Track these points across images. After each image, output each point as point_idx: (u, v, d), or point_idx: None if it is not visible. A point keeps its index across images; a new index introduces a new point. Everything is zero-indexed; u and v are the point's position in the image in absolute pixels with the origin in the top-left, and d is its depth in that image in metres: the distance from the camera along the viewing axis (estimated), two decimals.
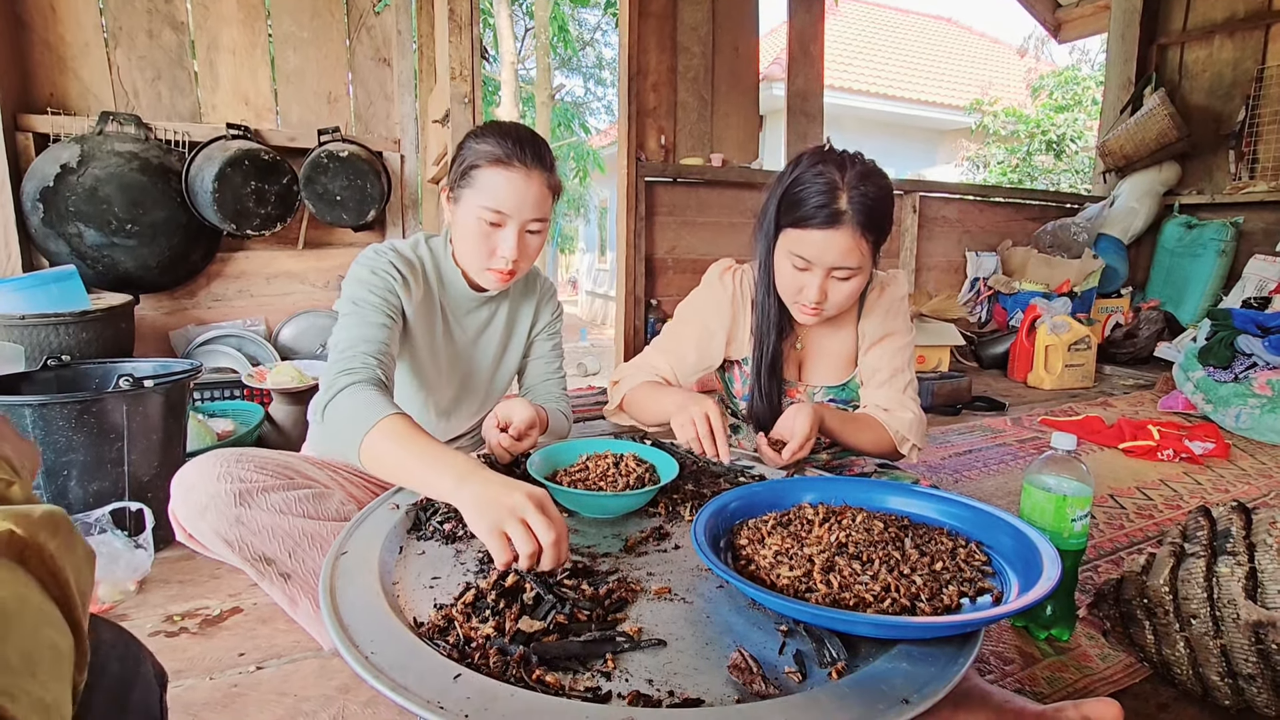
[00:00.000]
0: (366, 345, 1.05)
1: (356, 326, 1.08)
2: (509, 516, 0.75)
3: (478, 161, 1.12)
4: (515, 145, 1.11)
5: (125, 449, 1.35)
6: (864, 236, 1.16)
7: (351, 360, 1.02)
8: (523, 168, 1.11)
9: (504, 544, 0.75)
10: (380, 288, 1.13)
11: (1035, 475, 1.11)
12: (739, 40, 3.68)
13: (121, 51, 2.46)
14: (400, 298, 1.16)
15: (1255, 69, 4.25)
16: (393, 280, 1.15)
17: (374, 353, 1.04)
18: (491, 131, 1.14)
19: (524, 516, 0.74)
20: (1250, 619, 0.93)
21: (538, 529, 0.74)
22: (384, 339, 1.08)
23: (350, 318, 1.10)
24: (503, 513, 0.75)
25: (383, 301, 1.12)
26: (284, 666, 1.06)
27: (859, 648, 0.69)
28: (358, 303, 1.11)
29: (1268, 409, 2.49)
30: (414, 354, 1.24)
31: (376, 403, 0.94)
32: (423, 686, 0.59)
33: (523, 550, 0.74)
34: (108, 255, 2.28)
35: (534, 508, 0.75)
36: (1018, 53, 11.63)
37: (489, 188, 1.11)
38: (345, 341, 1.06)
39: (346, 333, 1.08)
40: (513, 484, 0.79)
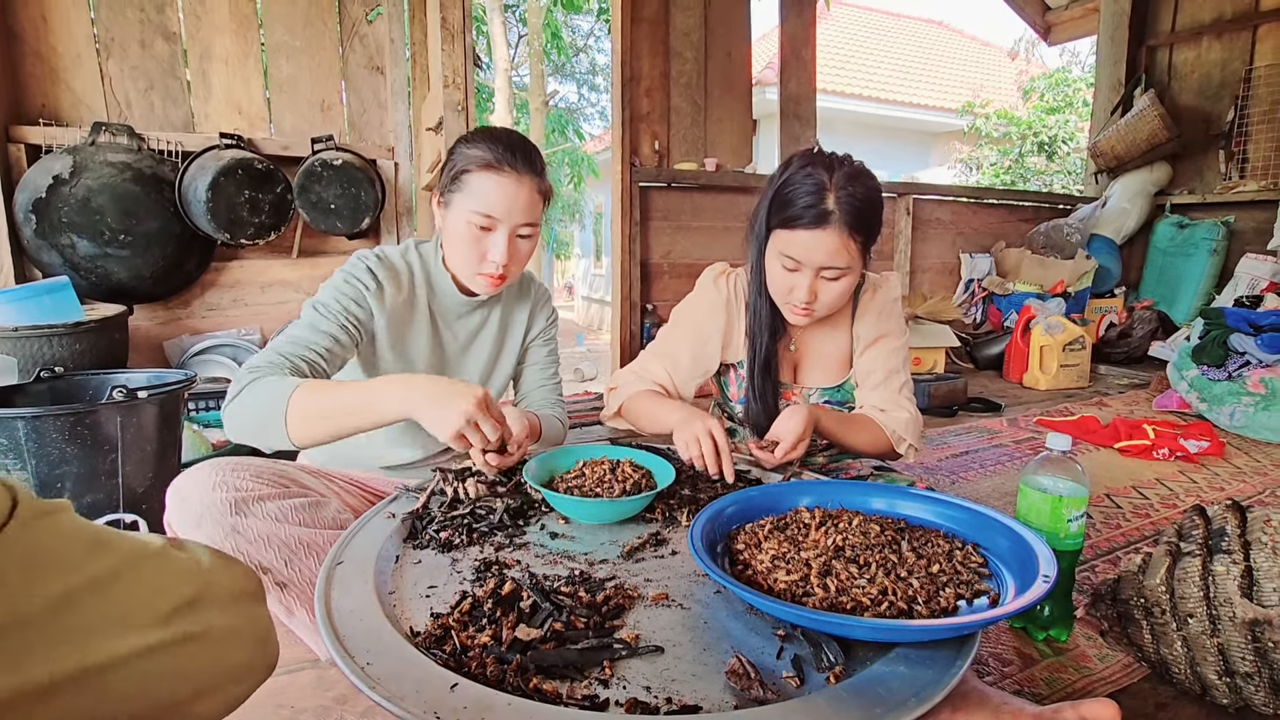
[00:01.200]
0: (291, 347, 1.06)
1: (300, 328, 1.10)
2: (463, 423, 0.91)
3: (468, 166, 1.12)
4: (506, 150, 1.12)
5: (119, 460, 1.35)
6: (852, 236, 1.17)
7: (261, 360, 1.04)
8: (513, 173, 1.12)
9: (464, 444, 0.93)
10: (347, 296, 1.14)
11: (1031, 476, 1.12)
12: (731, 45, 3.70)
13: (114, 62, 2.46)
14: (369, 305, 1.16)
15: (1243, 69, 4.28)
16: (363, 289, 1.15)
17: (293, 354, 1.05)
18: (482, 137, 1.14)
19: (475, 420, 0.91)
20: (1246, 617, 0.93)
21: (488, 432, 0.93)
22: (322, 346, 1.08)
23: (303, 319, 1.12)
24: (457, 419, 0.90)
25: (342, 311, 1.13)
26: (280, 677, 1.05)
27: (857, 651, 0.69)
28: (317, 307, 1.13)
29: (1261, 407, 2.50)
30: (397, 361, 1.24)
31: (283, 380, 0.97)
32: (419, 696, 0.59)
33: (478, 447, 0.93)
34: (101, 266, 2.28)
35: (483, 413, 0.91)
36: (1009, 55, 11.69)
37: (479, 192, 1.11)
38: (278, 341, 1.08)
39: (288, 331, 1.10)
40: (459, 389, 0.92)
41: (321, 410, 0.94)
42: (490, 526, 0.96)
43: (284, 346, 1.07)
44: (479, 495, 1.04)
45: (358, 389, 0.96)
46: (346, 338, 1.12)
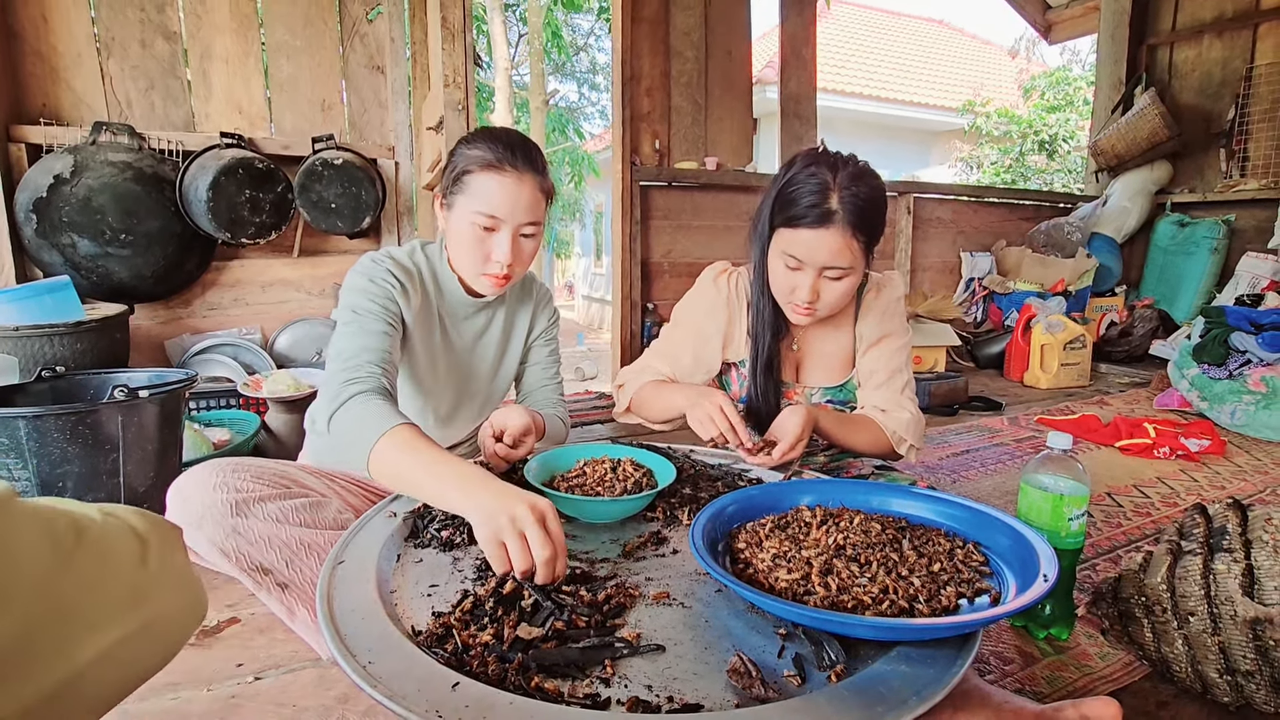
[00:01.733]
0: (370, 354, 1.04)
1: (358, 335, 1.07)
2: (509, 528, 0.75)
3: (470, 167, 1.12)
4: (507, 150, 1.12)
5: (121, 460, 1.35)
6: (855, 236, 1.17)
7: (357, 370, 1.01)
8: (515, 172, 1.11)
9: (501, 555, 0.76)
10: (380, 296, 1.13)
11: (1032, 475, 1.12)
12: (731, 44, 3.70)
13: (114, 61, 2.46)
14: (400, 305, 1.16)
15: (1244, 68, 4.27)
16: (391, 289, 1.15)
17: (378, 361, 1.04)
18: (483, 137, 1.14)
19: (524, 530, 0.75)
20: (1248, 616, 0.93)
21: (534, 544, 0.75)
22: (386, 348, 1.07)
23: (350, 326, 1.09)
24: (504, 523, 0.76)
25: (383, 310, 1.12)
26: (282, 676, 1.05)
27: (858, 650, 0.69)
28: (358, 311, 1.11)
29: (1262, 405, 2.50)
30: (412, 361, 1.24)
31: (384, 412, 0.94)
32: (421, 695, 0.59)
33: (518, 564, 0.75)
34: (102, 265, 2.28)
35: (534, 521, 0.75)
36: (1009, 54, 11.66)
37: (482, 193, 1.11)
38: (348, 350, 1.05)
39: (348, 341, 1.07)
40: (518, 496, 0.79)
41: (392, 471, 0.90)
42: None
43: (363, 354, 1.04)
44: None
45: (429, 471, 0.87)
46: (395, 333, 1.12)
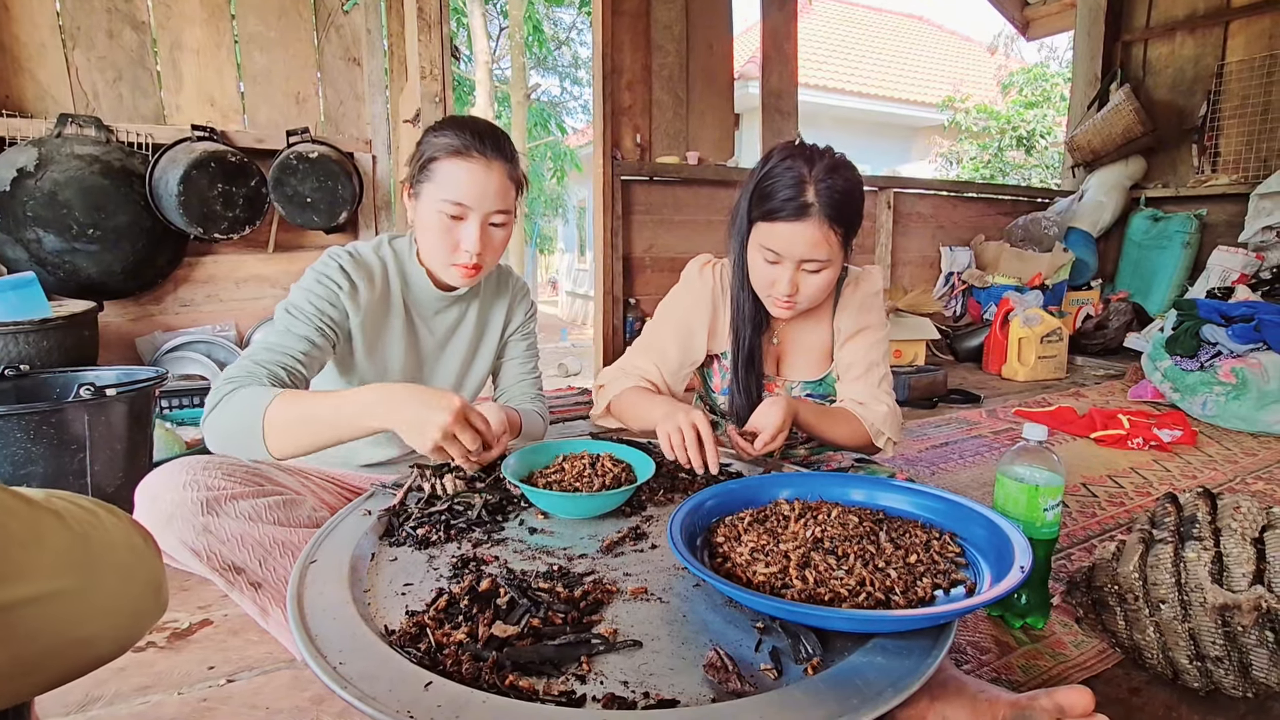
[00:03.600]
0: (267, 354, 1.04)
1: (275, 334, 1.08)
2: (440, 436, 0.90)
3: (436, 154, 1.10)
4: (474, 136, 1.10)
5: (88, 460, 1.32)
6: (833, 229, 1.17)
7: (239, 369, 1.02)
8: (482, 159, 1.10)
9: (444, 456, 0.93)
10: (320, 298, 1.12)
11: (1008, 466, 1.13)
12: (713, 39, 3.69)
13: (80, 52, 2.39)
14: (345, 308, 1.14)
15: (1215, 65, 4.35)
16: (337, 290, 1.13)
17: (270, 362, 1.04)
18: (450, 124, 1.13)
19: (453, 431, 0.91)
20: (1216, 602, 0.95)
21: (468, 443, 0.93)
22: (297, 350, 1.06)
23: (278, 323, 1.10)
24: (434, 434, 0.90)
25: (316, 314, 1.11)
26: (256, 678, 1.04)
27: (835, 643, 0.69)
28: (291, 310, 1.11)
29: (1232, 396, 2.55)
30: (371, 360, 1.22)
31: (260, 391, 0.95)
32: (392, 696, 0.58)
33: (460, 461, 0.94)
34: (69, 261, 2.22)
35: (462, 424, 0.91)
36: (988, 50, 11.79)
37: (448, 180, 1.10)
38: (253, 348, 1.06)
39: (263, 339, 1.08)
40: (435, 400, 0.91)
41: (298, 423, 0.93)
42: (468, 522, 0.95)
43: (260, 355, 1.05)
44: (457, 491, 1.02)
45: (334, 400, 0.93)
46: (323, 340, 1.10)
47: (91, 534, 0.48)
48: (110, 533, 0.49)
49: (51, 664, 0.44)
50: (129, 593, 0.50)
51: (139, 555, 0.52)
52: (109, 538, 0.49)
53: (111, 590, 0.48)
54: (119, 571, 0.49)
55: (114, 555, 0.49)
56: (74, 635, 0.45)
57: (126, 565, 0.50)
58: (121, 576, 0.49)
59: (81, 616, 0.45)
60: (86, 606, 0.46)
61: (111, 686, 1.01)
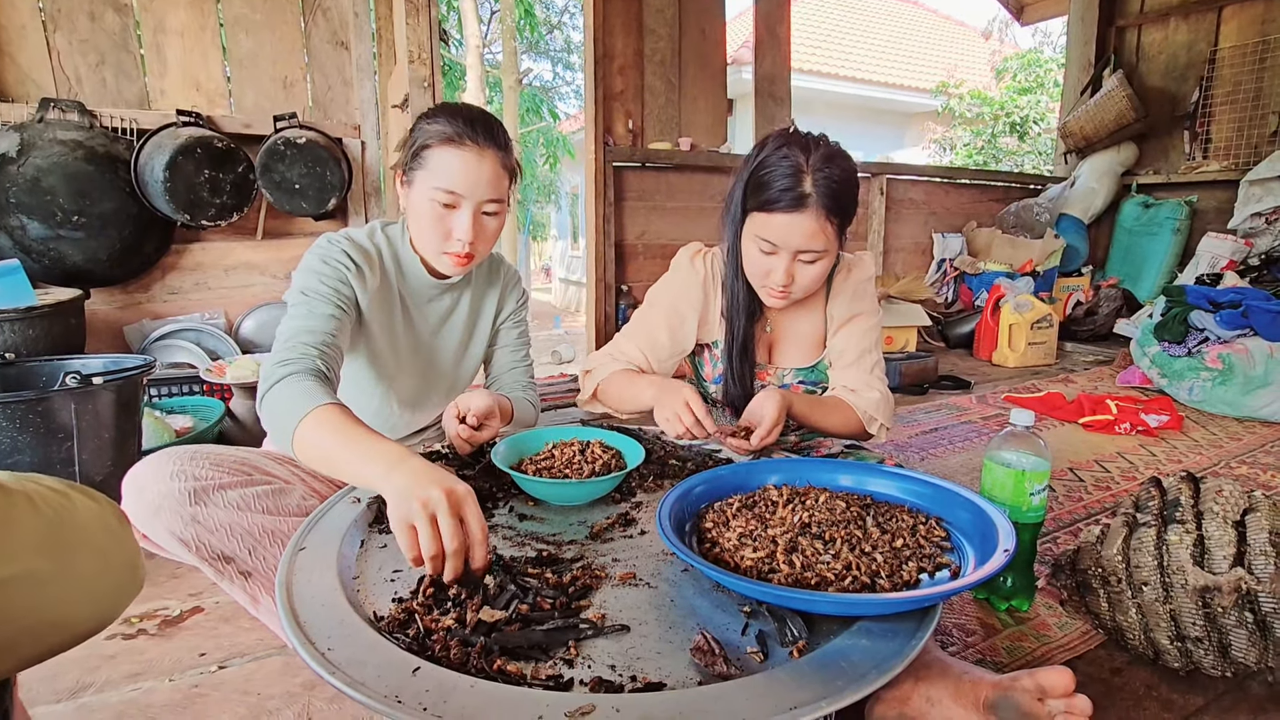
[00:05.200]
0: (309, 336, 1.02)
1: (302, 318, 1.06)
2: (420, 512, 0.71)
3: (429, 141, 1.09)
4: (467, 124, 1.09)
5: (75, 449, 1.31)
6: (829, 219, 1.16)
7: (290, 351, 1.00)
8: (475, 146, 1.09)
9: (410, 540, 0.71)
10: (331, 277, 1.11)
11: (995, 452, 1.14)
12: (705, 23, 3.65)
13: (61, 35, 2.35)
14: (354, 288, 1.13)
15: (1208, 51, 4.35)
16: (345, 270, 1.12)
17: (315, 343, 1.02)
18: (443, 111, 1.12)
19: (435, 513, 0.71)
20: (1197, 584, 0.96)
21: (444, 532, 0.70)
22: (330, 329, 1.05)
23: (298, 308, 1.07)
24: (415, 506, 0.71)
25: (333, 292, 1.09)
26: (247, 665, 1.04)
27: (821, 626, 0.69)
28: (306, 293, 1.09)
29: (1219, 381, 2.58)
30: (372, 345, 1.21)
31: (311, 392, 0.92)
32: (381, 681, 0.58)
33: (425, 550, 0.70)
34: (54, 248, 2.19)
35: (447, 507, 0.70)
36: (982, 35, 11.75)
37: (441, 168, 1.09)
38: (288, 332, 1.04)
39: (291, 323, 1.05)
40: (435, 478, 0.74)
41: (315, 450, 0.89)
42: None
43: (303, 337, 1.02)
44: None
45: (350, 448, 0.84)
46: (344, 316, 1.10)
47: (64, 516, 0.48)
48: (83, 514, 0.50)
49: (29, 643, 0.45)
50: (105, 572, 0.51)
51: (113, 535, 0.53)
52: (82, 519, 0.50)
53: (86, 570, 0.49)
54: (94, 552, 0.50)
55: (87, 536, 0.50)
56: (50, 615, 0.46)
57: (101, 545, 0.51)
58: (96, 556, 0.50)
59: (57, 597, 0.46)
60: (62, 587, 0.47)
61: (103, 674, 1.02)
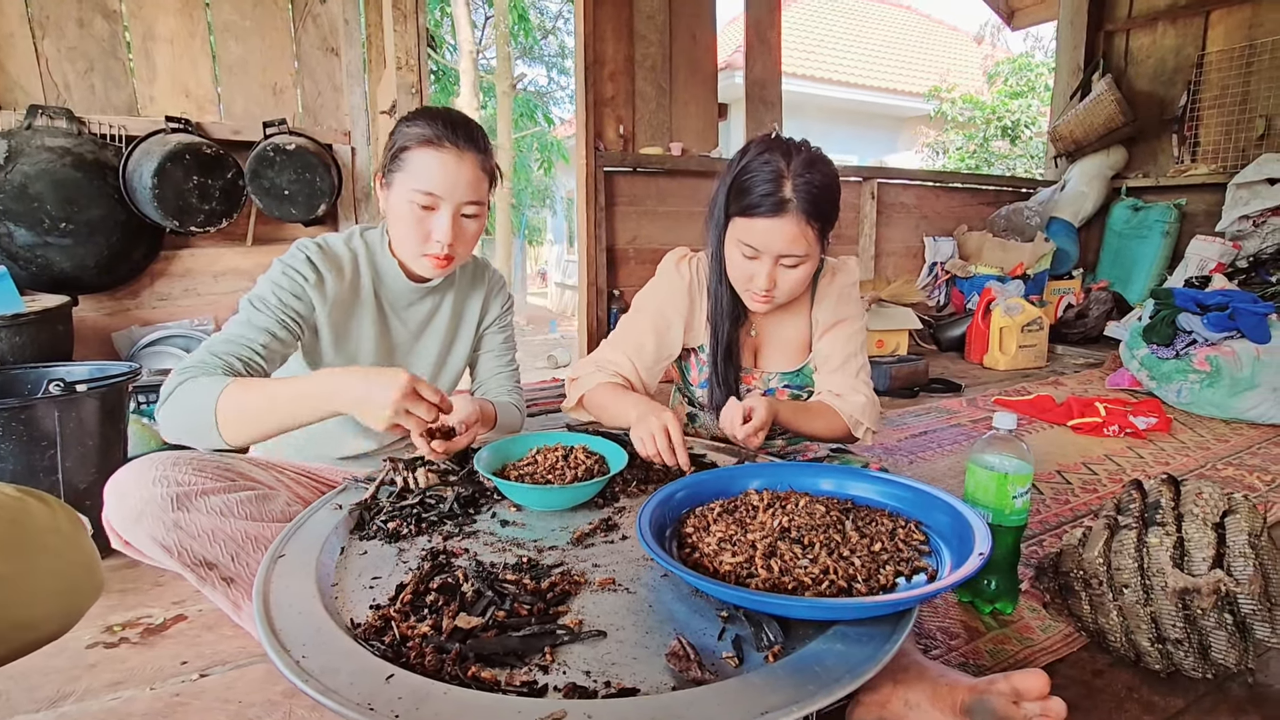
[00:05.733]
0: (225, 345, 1.04)
1: (235, 325, 1.07)
2: (393, 413, 0.90)
3: (407, 144, 1.10)
4: (446, 126, 1.10)
5: (59, 456, 1.30)
6: (810, 224, 1.17)
7: (193, 361, 1.01)
8: (454, 148, 1.09)
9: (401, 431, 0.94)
10: (284, 288, 1.11)
11: (978, 455, 1.14)
12: (696, 28, 3.67)
13: (50, 42, 2.35)
14: (309, 298, 1.14)
15: (1196, 55, 4.39)
16: (302, 282, 1.13)
17: (227, 353, 1.03)
18: (422, 114, 1.12)
19: (405, 406, 0.90)
20: (1177, 586, 0.97)
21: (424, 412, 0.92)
22: (256, 342, 1.06)
23: (241, 316, 1.09)
24: (385, 410, 0.89)
25: (279, 306, 1.10)
26: (229, 673, 1.04)
27: (797, 630, 0.70)
28: (254, 302, 1.10)
29: (1206, 384, 2.59)
30: (340, 352, 1.21)
31: (214, 381, 0.95)
32: (354, 689, 0.58)
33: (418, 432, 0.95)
34: (41, 255, 2.18)
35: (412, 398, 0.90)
36: (975, 40, 11.82)
37: (420, 170, 1.09)
38: (209, 340, 1.05)
39: (223, 329, 1.07)
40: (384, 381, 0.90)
41: (251, 409, 0.92)
42: (439, 515, 0.95)
43: (218, 345, 1.04)
44: (429, 485, 1.03)
45: (286, 386, 0.93)
46: (285, 333, 1.09)
47: (21, 519, 0.50)
48: (38, 519, 0.52)
49: None
50: (62, 574, 0.53)
51: (65, 538, 0.54)
52: (37, 524, 0.51)
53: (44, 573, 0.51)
54: (50, 555, 0.52)
55: (43, 539, 0.51)
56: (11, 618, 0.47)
57: (55, 548, 0.53)
58: (52, 559, 0.52)
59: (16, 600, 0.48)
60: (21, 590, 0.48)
61: (83, 683, 1.01)
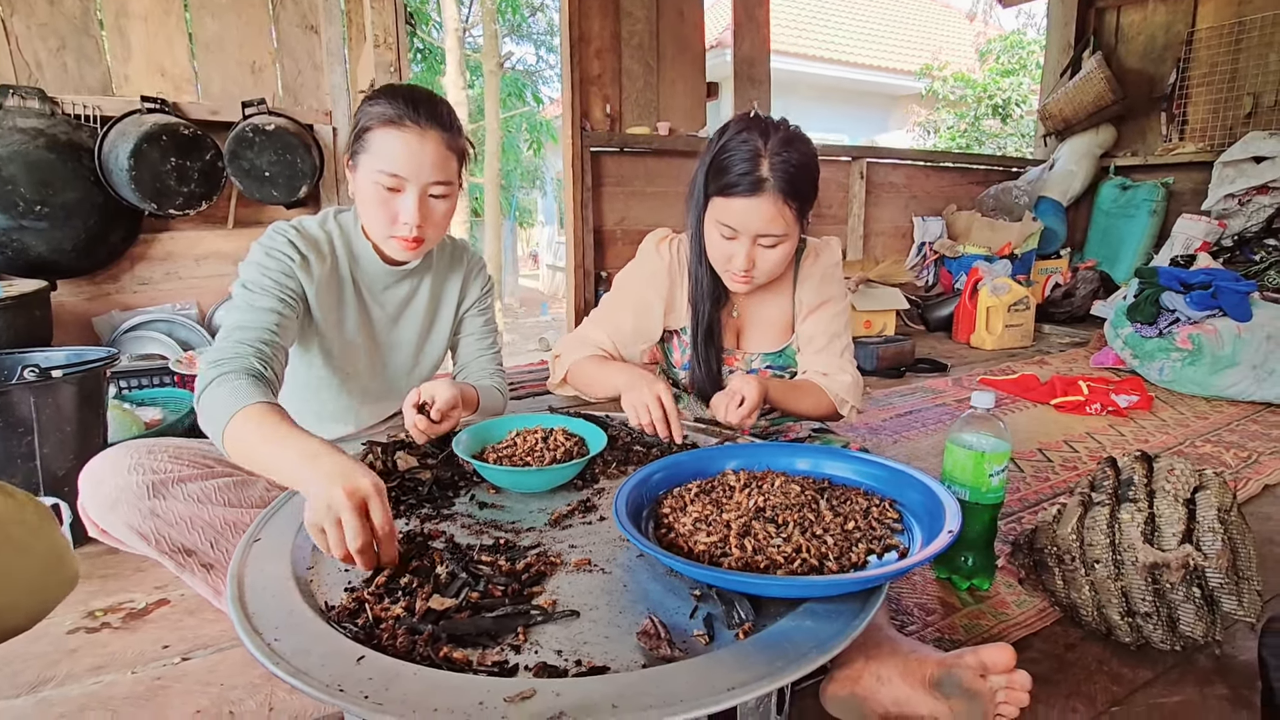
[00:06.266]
0: (243, 333, 1.02)
1: (241, 312, 1.05)
2: (327, 515, 0.72)
3: (369, 124, 1.08)
4: (409, 105, 1.07)
5: (36, 443, 1.29)
6: (788, 203, 1.17)
7: (224, 351, 0.99)
8: (416, 128, 1.07)
9: (322, 543, 0.73)
10: (274, 269, 1.10)
11: (956, 434, 1.15)
12: (684, 5, 3.61)
13: (19, 20, 2.29)
14: (299, 278, 1.12)
15: (1185, 32, 4.36)
16: (289, 261, 1.11)
17: (251, 340, 1.01)
18: (384, 93, 1.10)
19: (339, 515, 0.71)
20: (1147, 561, 0.99)
21: (347, 532, 0.71)
22: (269, 324, 1.04)
23: (239, 302, 1.07)
24: (323, 510, 0.72)
25: (275, 285, 1.08)
26: (210, 656, 1.04)
27: (769, 608, 0.70)
28: (249, 286, 1.08)
29: (1188, 362, 2.62)
30: (324, 335, 1.20)
31: (240, 392, 0.91)
32: (324, 670, 0.59)
33: (334, 552, 0.72)
34: (16, 239, 2.15)
35: (351, 509, 0.71)
36: (967, 17, 11.70)
37: (383, 150, 1.07)
38: (226, 329, 1.03)
39: (231, 318, 1.05)
40: (342, 477, 0.73)
41: (240, 449, 0.89)
42: (418, 498, 0.96)
43: (238, 334, 1.02)
44: (409, 468, 1.03)
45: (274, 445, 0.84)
46: (288, 309, 1.08)
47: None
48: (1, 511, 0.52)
49: None
50: (26, 567, 0.53)
51: (30, 530, 0.54)
52: None
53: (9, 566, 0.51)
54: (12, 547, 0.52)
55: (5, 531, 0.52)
56: None
57: (19, 540, 0.53)
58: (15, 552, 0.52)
59: None
60: None
61: (64, 667, 1.01)
